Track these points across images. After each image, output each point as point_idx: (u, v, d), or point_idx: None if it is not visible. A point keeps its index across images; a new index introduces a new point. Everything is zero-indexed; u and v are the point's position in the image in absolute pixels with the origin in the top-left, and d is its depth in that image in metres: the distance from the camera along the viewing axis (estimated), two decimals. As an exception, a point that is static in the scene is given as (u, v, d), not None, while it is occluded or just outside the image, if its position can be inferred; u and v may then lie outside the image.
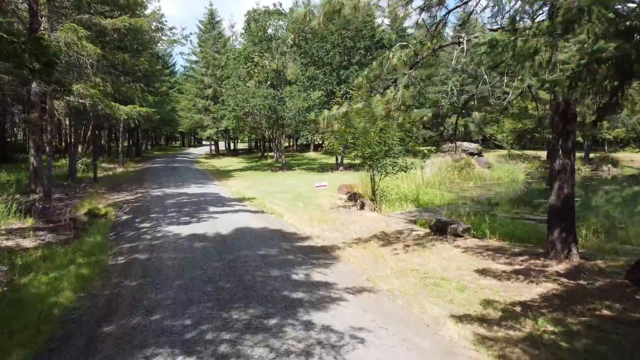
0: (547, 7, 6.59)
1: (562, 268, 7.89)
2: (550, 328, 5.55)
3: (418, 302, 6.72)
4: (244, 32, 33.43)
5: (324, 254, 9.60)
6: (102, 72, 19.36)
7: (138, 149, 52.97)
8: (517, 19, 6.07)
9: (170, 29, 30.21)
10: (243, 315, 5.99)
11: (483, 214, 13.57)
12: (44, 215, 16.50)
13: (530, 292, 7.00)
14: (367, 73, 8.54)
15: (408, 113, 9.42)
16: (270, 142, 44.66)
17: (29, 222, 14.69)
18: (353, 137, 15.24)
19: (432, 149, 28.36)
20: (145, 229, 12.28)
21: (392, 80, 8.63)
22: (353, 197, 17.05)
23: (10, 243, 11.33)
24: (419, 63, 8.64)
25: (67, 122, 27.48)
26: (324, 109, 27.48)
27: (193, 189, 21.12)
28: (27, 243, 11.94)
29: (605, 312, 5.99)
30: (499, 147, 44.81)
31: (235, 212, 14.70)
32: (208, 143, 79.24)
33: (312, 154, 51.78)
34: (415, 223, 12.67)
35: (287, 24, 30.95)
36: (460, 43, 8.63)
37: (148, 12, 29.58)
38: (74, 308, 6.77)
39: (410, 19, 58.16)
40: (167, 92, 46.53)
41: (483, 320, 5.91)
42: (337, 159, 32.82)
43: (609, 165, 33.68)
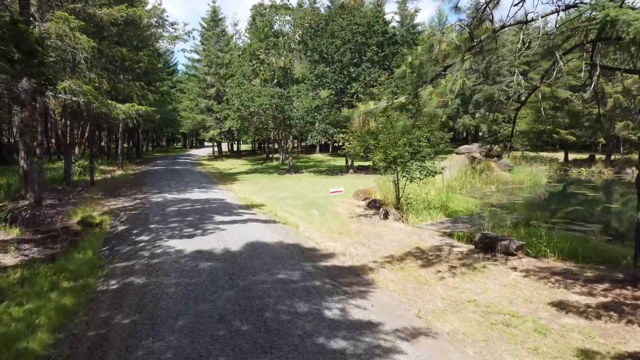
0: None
1: (662, 302, 6.32)
2: None
3: (493, 352, 5.16)
4: (249, 27, 31.88)
5: (356, 278, 8.02)
6: (97, 67, 17.80)
7: (138, 151, 51.46)
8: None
9: (172, 25, 28.79)
10: (271, 381, 4.42)
11: (525, 225, 11.98)
12: (33, 224, 14.96)
13: (637, 337, 5.42)
14: (411, 60, 6.96)
15: (451, 107, 7.86)
16: (276, 143, 43.09)
17: (15, 232, 13.16)
18: (376, 137, 13.63)
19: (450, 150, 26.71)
20: (143, 243, 10.71)
21: (442, 69, 7.05)
22: (373, 204, 15.47)
23: (-15, 261, 9.79)
24: (476, 47, 7.08)
25: (63, 122, 25.96)
26: (333, 109, 25.95)
27: (196, 195, 19.55)
28: (7, 259, 10.39)
29: None
30: (512, 148, 43.15)
31: (244, 222, 13.13)
32: (210, 144, 77.91)
33: (318, 156, 50.21)
34: (452, 237, 11.08)
35: (294, 19, 29.37)
36: (529, 22, 7.09)
37: (148, 7, 28.06)
38: (48, 358, 5.23)
39: (418, 16, 56.18)
40: (168, 91, 45.05)
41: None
42: (346, 162, 31.25)
43: (633, 168, 32.06)
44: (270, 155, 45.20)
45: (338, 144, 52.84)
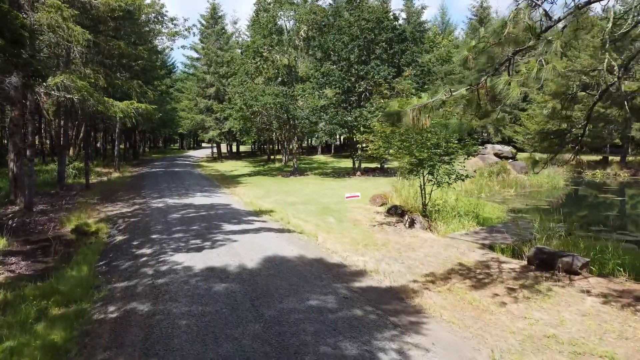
0: None
1: None
2: None
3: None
4: (252, 23, 30.61)
5: (400, 304, 6.78)
6: (93, 63, 16.48)
7: (135, 152, 50.08)
8: None
9: (172, 20, 27.49)
10: None
11: (567, 234, 10.74)
12: (22, 233, 13.64)
13: None
14: (476, 43, 5.73)
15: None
16: (279, 144, 41.79)
17: (1, 243, 11.88)
18: (403, 137, 12.37)
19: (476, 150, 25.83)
20: (146, 258, 9.43)
21: (513, 53, 5.80)
22: (394, 210, 14.23)
23: (-37, 282, 8.49)
24: (553, 27, 5.85)
25: (56, 121, 24.63)
26: (340, 108, 24.68)
27: (199, 199, 18.26)
28: (-11, 277, 9.12)
29: None
30: (520, 150, 41.99)
31: (257, 231, 11.85)
32: (208, 145, 76.50)
33: (320, 157, 48.94)
34: (494, 250, 9.85)
35: (299, 15, 28.10)
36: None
37: (148, 1, 26.71)
38: None
39: (424, 14, 54.83)
40: (166, 90, 43.72)
41: None
42: (354, 164, 30.01)
43: (650, 170, 31.02)
44: (272, 157, 43.88)
45: (343, 145, 51.62)
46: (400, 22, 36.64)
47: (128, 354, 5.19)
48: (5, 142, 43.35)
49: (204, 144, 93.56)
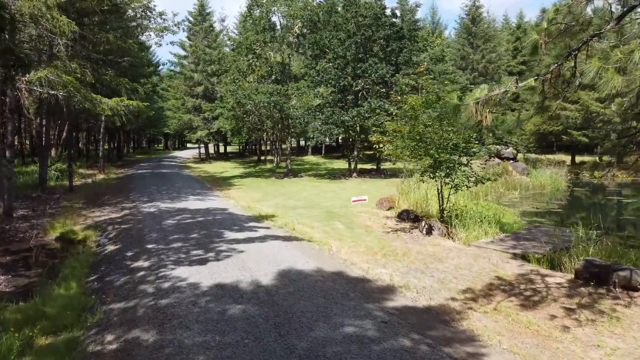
0: None
1: None
2: None
3: None
4: (244, 19, 29.54)
5: (447, 328, 5.86)
6: (80, 57, 15.26)
7: (119, 153, 48.51)
8: None
9: (160, 15, 26.24)
10: None
11: (598, 241, 9.93)
12: (2, 242, 12.40)
13: None
14: (547, 26, 4.85)
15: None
16: (272, 144, 40.70)
17: (-23, 254, 10.74)
18: (419, 136, 11.47)
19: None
20: (143, 272, 8.37)
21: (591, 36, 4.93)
22: (406, 215, 13.35)
23: None
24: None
25: (38, 121, 23.27)
26: (337, 107, 23.75)
27: (193, 203, 17.16)
28: (-37, 297, 7.97)
29: None
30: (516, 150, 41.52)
31: (263, 240, 10.84)
32: (193, 146, 74.91)
33: (311, 158, 47.98)
34: (527, 260, 9.01)
35: (293, 10, 27.10)
36: None
37: (134, -5, 25.43)
38: None
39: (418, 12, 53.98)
40: (154, 89, 42.31)
41: None
42: (349, 165, 29.13)
43: (648, 171, 30.63)
44: (263, 158, 42.75)
45: (334, 145, 50.71)
46: (393, 20, 35.81)
47: (137, 405, 4.19)
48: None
49: (189, 145, 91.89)
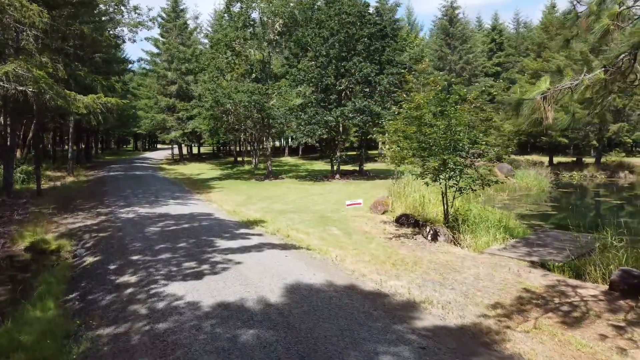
0: None
1: None
2: None
3: None
4: (222, 15, 28.45)
5: (492, 353, 5.18)
6: (51, 49, 14.03)
7: (88, 154, 46.51)
8: None
9: (135, 9, 24.87)
10: None
11: (606, 245, 9.45)
12: (-37, 254, 11.22)
13: None
14: (620, 10, 4.22)
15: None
16: (250, 145, 39.59)
17: (-64, 268, 9.57)
18: (425, 137, 10.84)
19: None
20: (132, 289, 7.43)
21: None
22: (405, 220, 12.72)
23: None
24: None
25: (2, 120, 21.71)
26: (319, 107, 23.02)
27: (174, 208, 16.13)
28: None
29: None
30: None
31: (259, 249, 10.00)
32: (165, 147, 72.88)
33: (289, 159, 47.13)
34: (548, 268, 8.45)
35: (274, 7, 26.19)
36: None
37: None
38: None
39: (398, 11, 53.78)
40: (127, 86, 40.58)
41: None
42: (332, 166, 28.46)
43: (626, 172, 31.03)
44: (240, 159, 41.61)
45: (312, 146, 49.97)
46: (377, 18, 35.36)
47: None
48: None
49: (160, 146, 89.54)
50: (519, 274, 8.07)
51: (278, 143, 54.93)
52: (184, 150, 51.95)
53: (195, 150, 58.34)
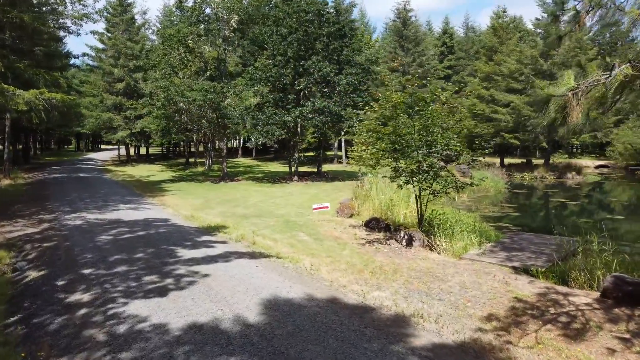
0: None
1: None
2: None
3: None
4: (175, 10, 27.21)
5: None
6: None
7: (26, 155, 43.55)
8: None
9: (80, 1, 23.15)
10: None
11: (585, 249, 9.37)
12: None
13: None
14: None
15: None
16: (204, 145, 38.23)
17: None
18: (399, 138, 10.45)
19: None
20: (85, 309, 6.52)
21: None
22: (375, 224, 12.29)
23: None
24: None
25: None
26: (278, 107, 22.36)
27: (127, 213, 15.00)
28: None
29: None
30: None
31: (225, 258, 9.23)
32: (110, 147, 69.77)
33: (243, 160, 46.00)
34: (531, 274, 8.20)
35: (230, 3, 25.24)
36: None
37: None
38: None
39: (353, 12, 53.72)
40: (70, 82, 38.13)
41: None
42: (290, 168, 27.79)
43: (573, 173, 32.18)
44: (193, 160, 40.10)
45: (273, 147, 49.00)
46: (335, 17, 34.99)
47: None
48: None
49: (104, 146, 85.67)
50: (506, 282, 7.75)
51: (231, 144, 53.59)
52: (132, 151, 49.71)
53: (144, 151, 56.05)
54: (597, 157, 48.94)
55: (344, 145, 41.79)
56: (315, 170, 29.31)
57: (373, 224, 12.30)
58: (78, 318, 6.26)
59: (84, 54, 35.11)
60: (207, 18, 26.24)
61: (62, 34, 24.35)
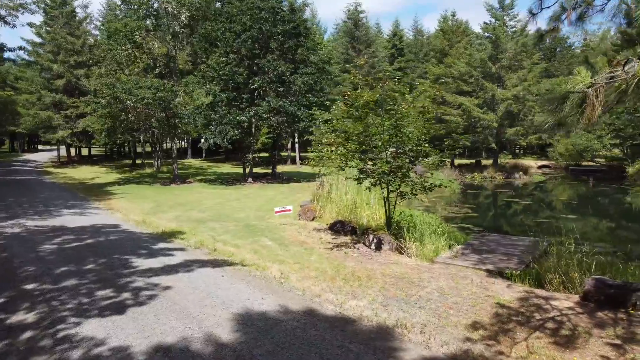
0: None
1: None
2: None
3: None
4: (121, 3, 25.83)
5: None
6: None
7: (-46, 156, 40.20)
8: None
9: (15, -12, 21.42)
10: None
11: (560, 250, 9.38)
12: None
13: None
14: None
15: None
16: (152, 146, 36.63)
17: None
18: (368, 139, 10.17)
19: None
20: (30, 332, 5.74)
21: None
22: (340, 227, 11.94)
23: None
24: None
25: None
26: (232, 106, 21.68)
27: (72, 219, 13.89)
28: None
29: None
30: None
31: (187, 268, 8.56)
32: (48, 148, 65.95)
33: (192, 161, 44.56)
34: (507, 277, 8.06)
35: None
36: None
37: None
38: None
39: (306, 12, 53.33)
40: (4, 77, 35.49)
41: None
42: (244, 169, 27.06)
43: (520, 173, 33.25)
44: (139, 161, 38.35)
45: (225, 147, 48.02)
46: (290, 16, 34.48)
47: None
48: None
49: (41, 147, 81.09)
50: (485, 287, 7.55)
51: (178, 144, 51.92)
52: (72, 152, 47.06)
53: (86, 152, 53.24)
54: (538, 157, 51.08)
55: (298, 146, 41.33)
56: (270, 172, 28.73)
57: (338, 227, 11.94)
58: (22, 343, 5.47)
59: (20, 48, 32.77)
60: (155, 12, 25.06)
61: (6, 20, 22.57)
